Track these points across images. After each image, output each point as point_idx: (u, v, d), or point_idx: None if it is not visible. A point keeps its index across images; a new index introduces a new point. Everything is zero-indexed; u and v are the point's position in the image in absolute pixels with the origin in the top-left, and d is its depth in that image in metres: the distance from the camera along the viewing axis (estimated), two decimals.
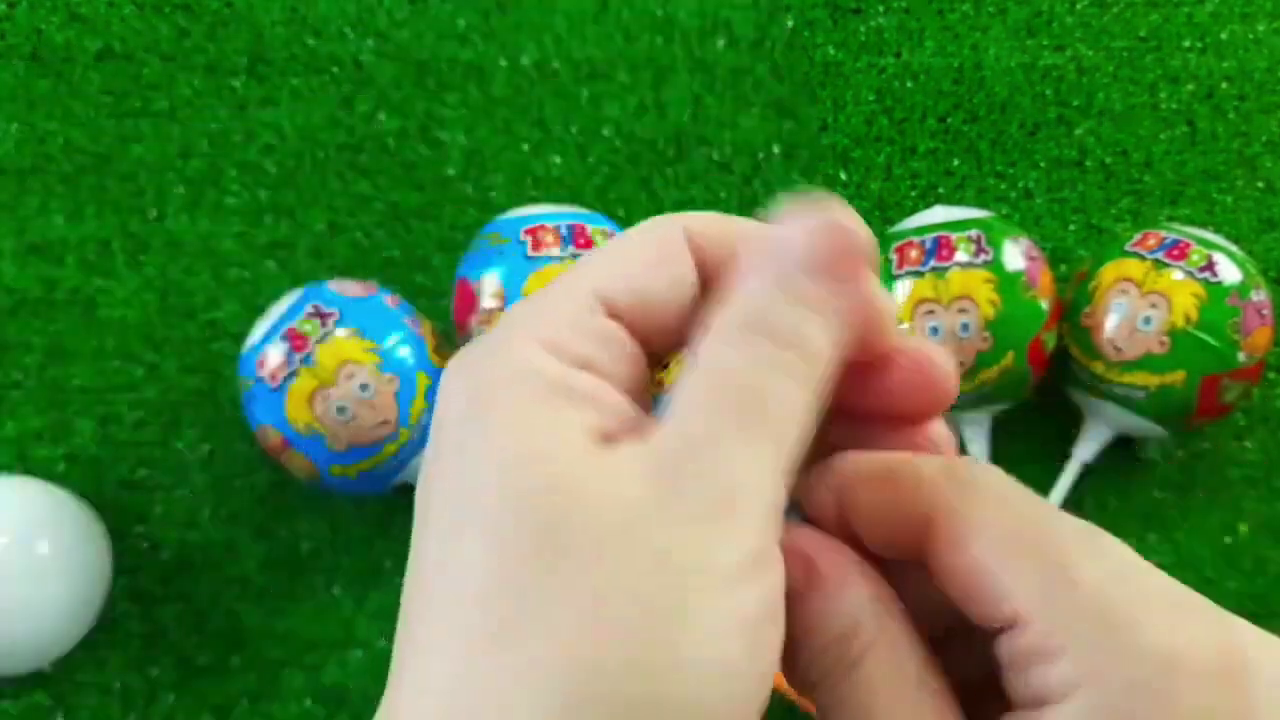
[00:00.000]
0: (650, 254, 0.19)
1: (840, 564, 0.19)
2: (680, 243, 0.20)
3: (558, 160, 0.56)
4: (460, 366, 0.19)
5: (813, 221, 0.18)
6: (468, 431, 0.17)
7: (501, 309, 0.45)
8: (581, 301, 0.18)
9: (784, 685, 0.46)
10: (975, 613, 0.18)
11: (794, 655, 0.19)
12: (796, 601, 0.19)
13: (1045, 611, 0.16)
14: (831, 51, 0.59)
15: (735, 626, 0.16)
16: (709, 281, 0.20)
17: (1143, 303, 0.46)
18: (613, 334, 0.18)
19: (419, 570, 0.17)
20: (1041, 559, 0.17)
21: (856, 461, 0.20)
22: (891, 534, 0.19)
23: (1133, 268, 0.46)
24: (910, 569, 0.19)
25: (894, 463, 0.19)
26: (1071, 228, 0.56)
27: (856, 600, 0.19)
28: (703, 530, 0.16)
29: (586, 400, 0.17)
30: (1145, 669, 0.16)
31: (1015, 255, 0.46)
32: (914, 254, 0.46)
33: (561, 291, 0.19)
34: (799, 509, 0.21)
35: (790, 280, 0.18)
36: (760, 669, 0.16)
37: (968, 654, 0.19)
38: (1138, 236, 0.48)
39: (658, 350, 0.20)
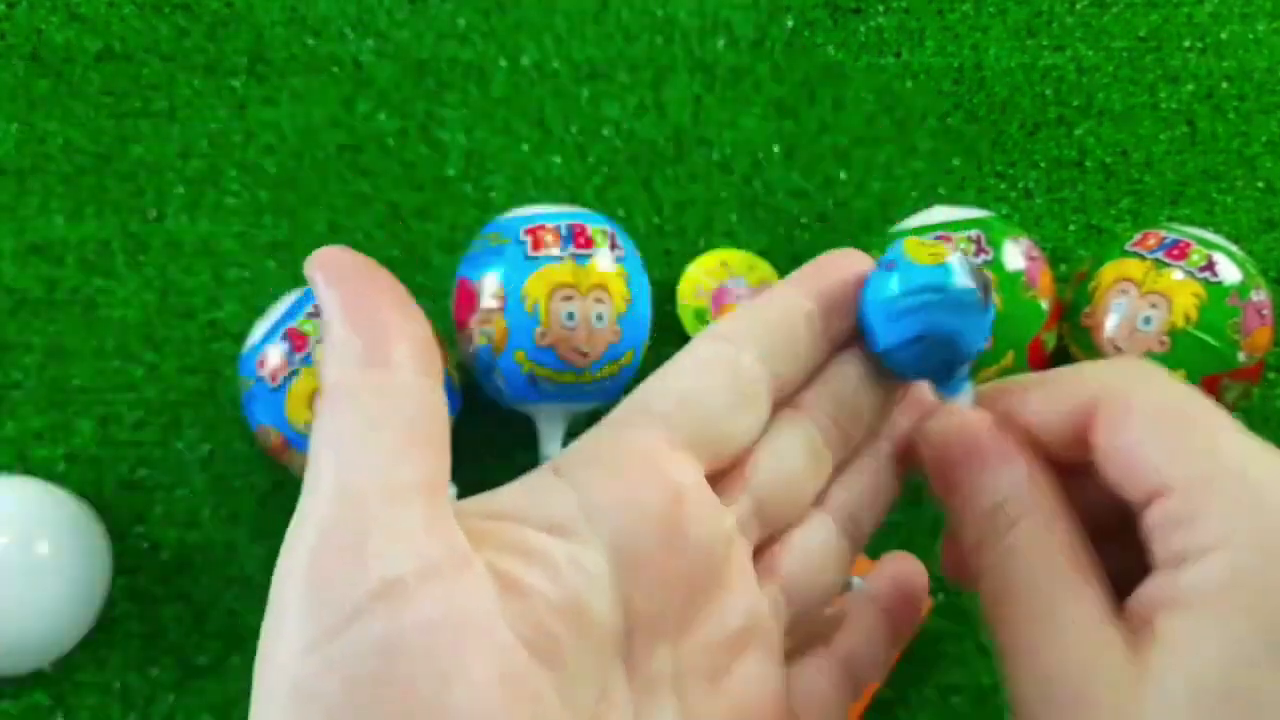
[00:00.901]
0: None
1: (1002, 441, 0.21)
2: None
3: (558, 160, 0.56)
4: None
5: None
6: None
7: (501, 309, 0.45)
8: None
9: None
10: (1131, 486, 0.19)
11: (956, 520, 0.21)
12: (958, 472, 0.21)
13: (1190, 480, 0.18)
14: (831, 51, 0.59)
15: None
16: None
17: (1143, 303, 0.46)
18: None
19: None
20: (1190, 434, 0.19)
21: (1020, 381, 0.22)
22: (1060, 433, 0.20)
23: (1133, 268, 0.46)
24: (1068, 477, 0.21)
25: (1057, 371, 0.22)
26: (1071, 228, 0.56)
27: (1011, 475, 0.20)
28: None
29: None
30: (1276, 531, 0.17)
31: (1015, 255, 0.46)
32: None
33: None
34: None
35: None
36: None
37: (1117, 559, 0.20)
38: (1138, 236, 0.48)
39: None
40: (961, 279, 0.21)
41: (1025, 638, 0.19)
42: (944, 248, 0.22)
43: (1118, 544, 0.20)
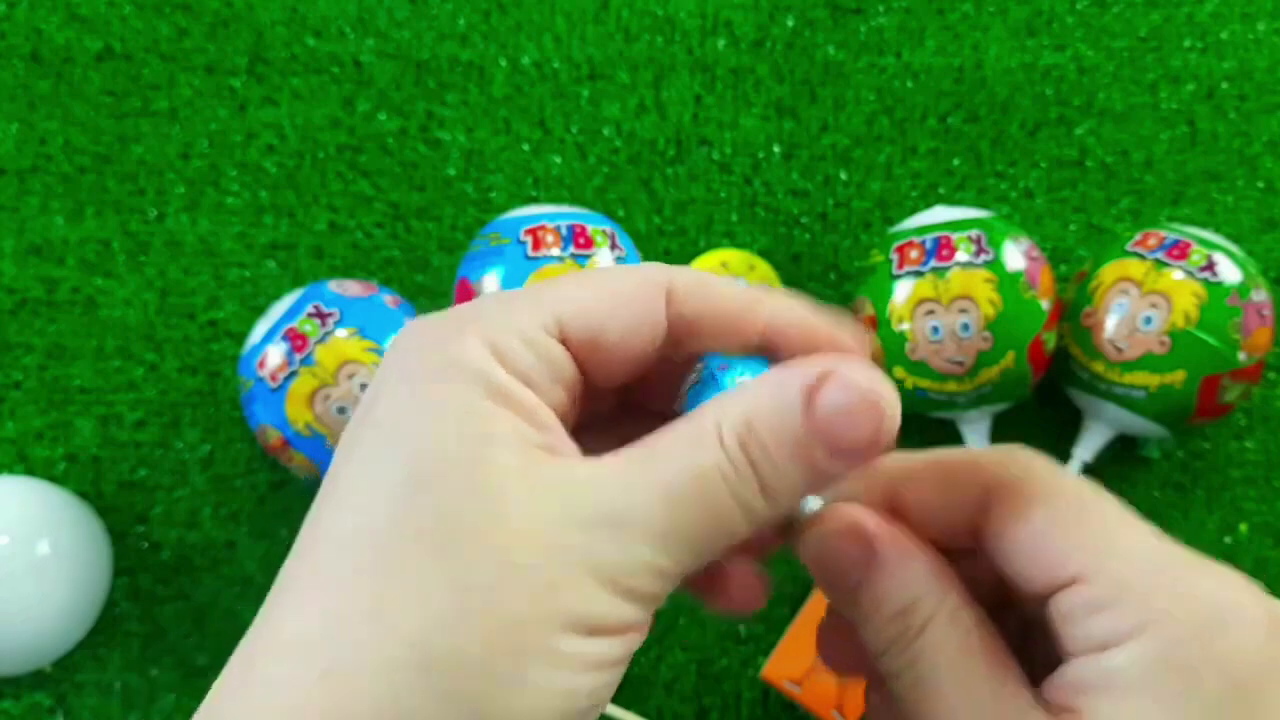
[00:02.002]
0: (623, 295, 0.20)
1: (900, 541, 0.21)
2: (658, 296, 0.20)
3: (558, 160, 0.56)
4: (415, 338, 0.20)
5: (860, 384, 0.19)
6: (404, 408, 0.18)
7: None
8: (540, 318, 0.19)
9: (783, 685, 0.46)
10: (1035, 576, 0.19)
11: (862, 625, 0.21)
12: (861, 578, 0.21)
13: (1105, 567, 0.18)
14: (832, 51, 0.59)
15: (589, 667, 0.18)
16: (679, 339, 0.21)
17: (1143, 303, 0.46)
18: (558, 358, 0.19)
19: (332, 504, 0.18)
20: (1096, 526, 0.19)
21: (906, 461, 0.21)
22: (948, 520, 0.20)
23: (1133, 268, 0.46)
24: (952, 557, 0.21)
25: (946, 453, 0.21)
26: (1072, 227, 0.56)
27: (917, 575, 0.20)
28: (584, 583, 0.18)
29: (519, 409, 0.19)
30: (1201, 613, 0.17)
31: (1016, 255, 0.46)
32: (915, 254, 0.46)
33: (525, 302, 0.20)
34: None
35: (795, 424, 0.19)
36: (594, 705, 0.18)
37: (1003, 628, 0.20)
38: (1138, 236, 0.48)
39: (600, 383, 0.20)
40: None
41: None
42: None
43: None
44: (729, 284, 0.21)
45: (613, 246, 0.47)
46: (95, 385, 0.52)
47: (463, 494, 0.17)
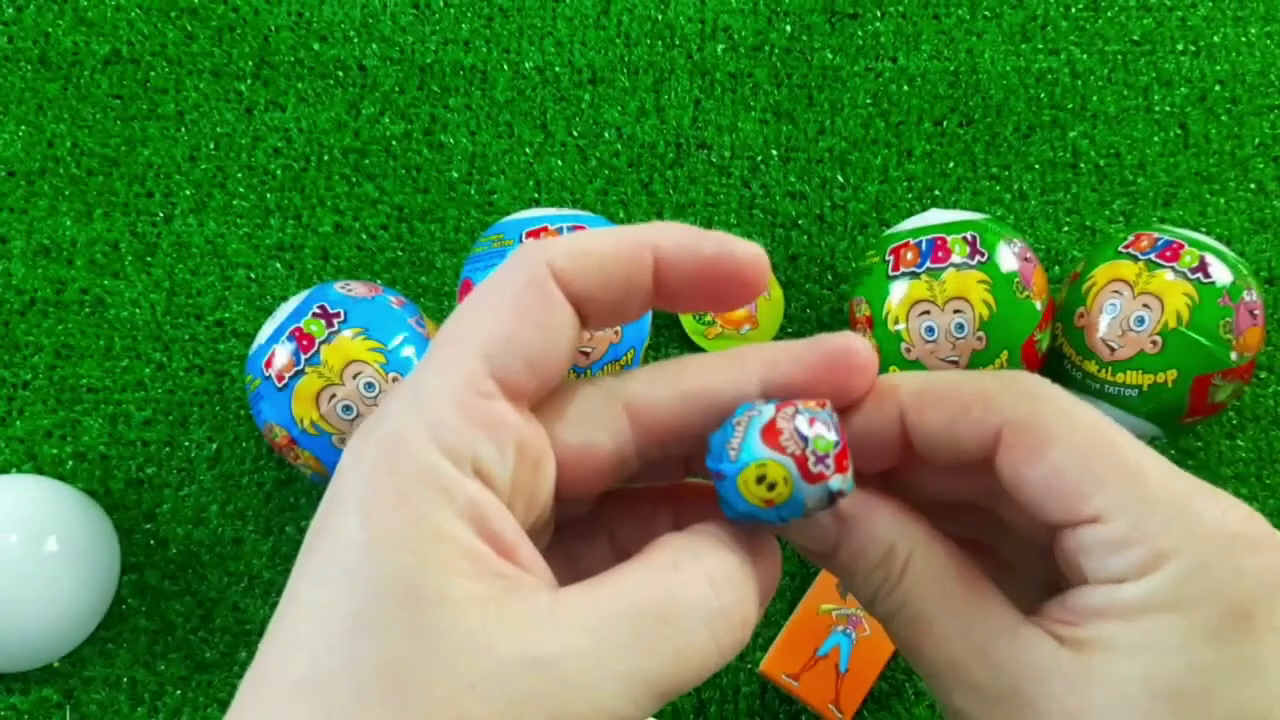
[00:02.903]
0: (525, 304, 0.19)
1: (864, 499, 0.21)
2: (550, 286, 0.19)
3: (559, 163, 0.57)
4: (357, 452, 0.18)
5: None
6: (352, 535, 0.17)
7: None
8: (470, 379, 0.18)
9: (781, 679, 0.47)
10: (1053, 512, 0.19)
11: (848, 580, 0.21)
12: (837, 539, 0.21)
13: (1123, 507, 0.19)
14: (829, 56, 0.59)
15: None
16: (585, 313, 0.20)
17: (1135, 303, 0.46)
18: (502, 420, 0.18)
19: (279, 644, 0.17)
20: (1113, 462, 0.19)
21: (919, 382, 0.21)
22: (957, 448, 0.20)
23: (1126, 269, 0.47)
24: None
25: (957, 381, 0.21)
26: (1065, 229, 0.56)
27: (885, 523, 0.21)
28: None
29: (476, 519, 0.17)
30: (1214, 544, 0.18)
31: (1009, 257, 0.46)
32: (910, 255, 0.47)
33: (449, 367, 0.18)
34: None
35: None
36: None
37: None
38: (1131, 238, 0.48)
39: (539, 392, 0.19)
40: (788, 514, 0.20)
41: (948, 657, 0.20)
42: (782, 485, 0.19)
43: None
44: (607, 239, 0.20)
45: None
46: (103, 384, 0.52)
47: (410, 638, 0.16)
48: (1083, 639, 0.19)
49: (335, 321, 0.45)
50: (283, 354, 0.44)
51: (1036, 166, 0.57)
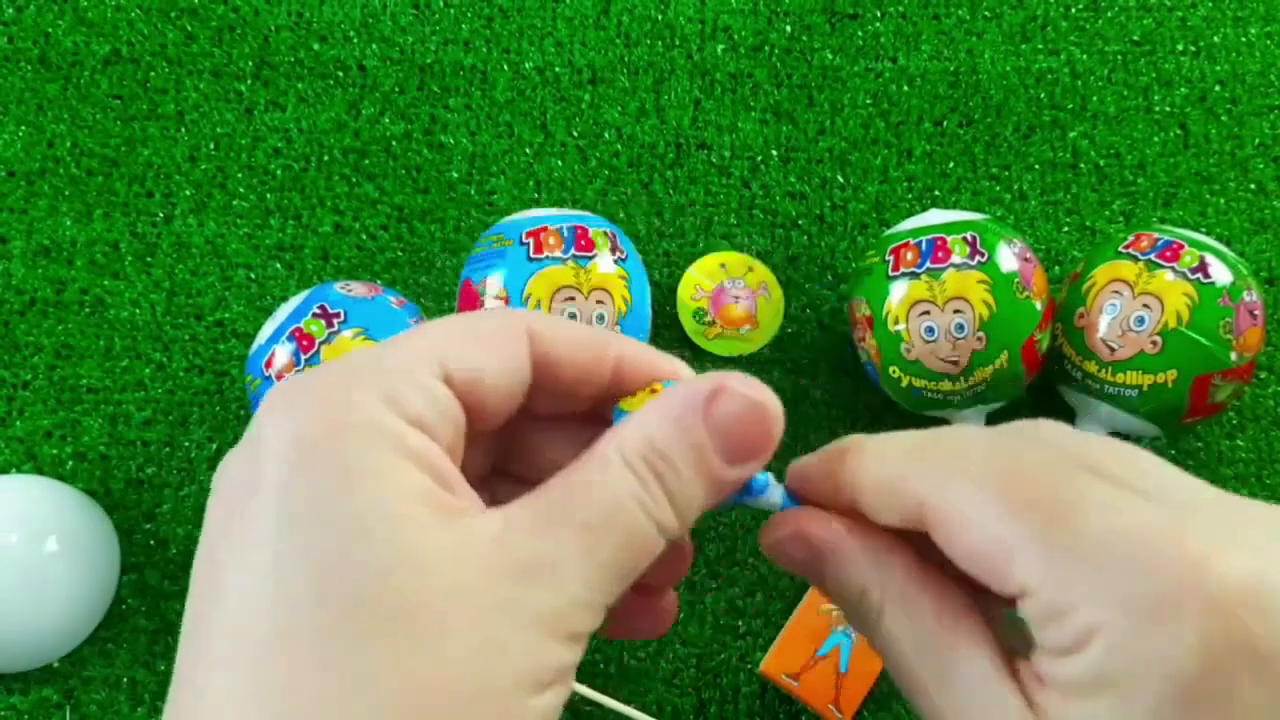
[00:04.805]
0: (493, 338, 0.20)
1: (834, 534, 0.21)
2: (522, 337, 0.20)
3: (559, 163, 0.57)
4: (288, 403, 0.18)
5: (750, 394, 0.19)
6: (298, 481, 0.17)
7: (503, 308, 0.46)
8: (423, 362, 0.19)
9: (781, 679, 0.47)
10: (992, 585, 0.19)
11: (840, 609, 0.21)
12: (819, 571, 0.21)
13: (1046, 577, 0.18)
14: (829, 56, 0.60)
15: None
16: (541, 378, 0.21)
17: (1135, 303, 0.46)
18: (445, 398, 0.19)
19: (233, 598, 0.17)
20: (1034, 525, 0.18)
21: (855, 461, 0.21)
22: (900, 520, 0.21)
23: (1126, 269, 0.47)
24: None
25: (883, 459, 0.21)
26: (1065, 229, 0.56)
27: (859, 567, 0.21)
28: (527, 637, 0.17)
29: (422, 462, 0.18)
30: (1143, 613, 0.17)
31: (1009, 257, 0.46)
32: (910, 256, 0.47)
33: (406, 348, 0.19)
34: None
35: (697, 436, 0.19)
36: None
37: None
38: (1131, 238, 0.48)
39: (476, 427, 0.20)
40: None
41: (928, 704, 0.20)
42: (659, 388, 0.22)
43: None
44: (580, 325, 0.22)
45: (613, 248, 0.48)
46: (103, 385, 0.52)
47: (385, 571, 0.16)
48: (1045, 709, 0.18)
49: (335, 322, 0.45)
50: (283, 354, 0.44)
51: (1036, 167, 0.57)
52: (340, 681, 0.16)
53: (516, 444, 0.23)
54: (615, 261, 0.47)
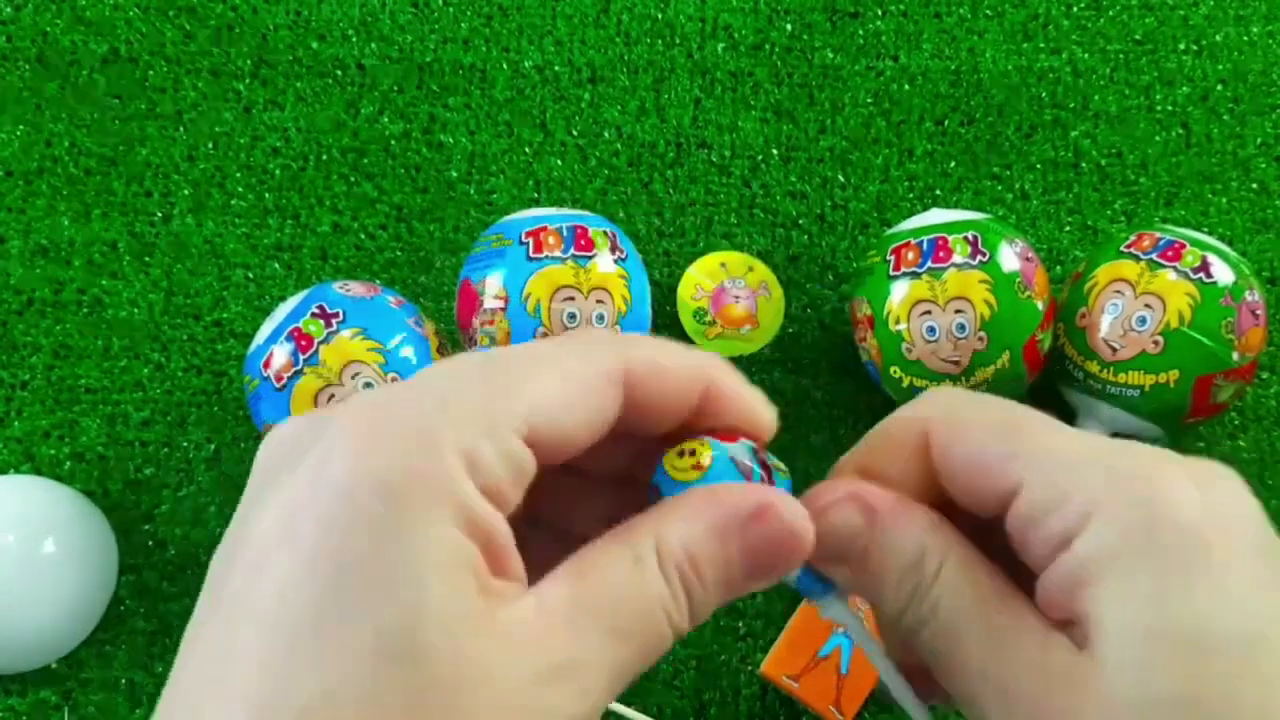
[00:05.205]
0: (586, 386, 0.19)
1: (894, 499, 0.22)
2: (618, 383, 0.20)
3: (559, 163, 0.57)
4: (365, 431, 0.18)
5: (792, 522, 0.20)
6: (360, 527, 0.17)
7: (504, 310, 0.46)
8: (511, 414, 0.18)
9: (781, 680, 0.47)
10: (984, 493, 0.20)
11: (877, 590, 0.21)
12: (867, 541, 0.22)
13: (1041, 470, 0.19)
14: (830, 55, 0.59)
15: None
16: (623, 418, 0.20)
17: (1137, 303, 0.46)
18: (525, 460, 0.19)
19: (247, 614, 0.17)
20: (1025, 433, 0.20)
21: (860, 454, 0.23)
22: (918, 484, 0.22)
23: (1128, 269, 0.47)
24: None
25: (886, 432, 0.23)
26: (1067, 229, 0.56)
27: (919, 527, 0.21)
28: None
29: (482, 538, 0.18)
30: (1135, 485, 0.19)
31: (1011, 256, 0.46)
32: (911, 255, 0.47)
33: (495, 394, 0.18)
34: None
35: (731, 552, 0.19)
36: None
37: None
38: (1133, 238, 0.48)
39: (545, 463, 0.20)
40: (723, 476, 0.21)
41: (980, 667, 0.20)
42: (704, 453, 0.21)
43: None
44: (679, 361, 0.21)
45: (613, 248, 0.48)
46: (101, 385, 0.52)
47: (419, 658, 0.16)
48: (1080, 633, 0.19)
49: (334, 321, 0.45)
50: (281, 354, 0.44)
51: (1038, 166, 0.57)
52: None
53: (549, 484, 0.23)
54: (615, 261, 0.47)
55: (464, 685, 0.16)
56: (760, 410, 0.22)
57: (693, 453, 0.21)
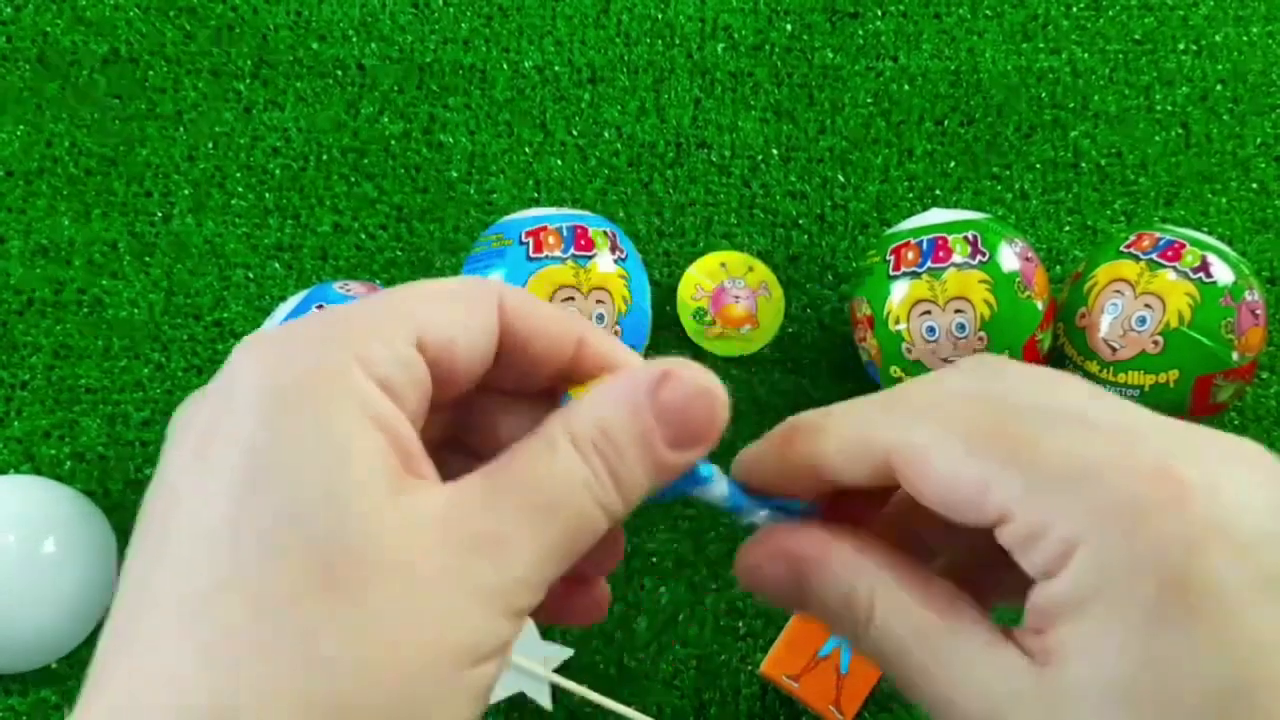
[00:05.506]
0: (466, 304, 0.20)
1: (815, 543, 0.21)
2: (493, 306, 0.21)
3: (559, 163, 0.57)
4: (261, 354, 0.18)
5: (697, 380, 0.20)
6: (265, 435, 0.17)
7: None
8: (398, 324, 0.19)
9: (781, 680, 0.47)
10: (967, 521, 0.19)
11: (830, 627, 0.21)
12: (801, 588, 0.21)
13: (1020, 499, 0.18)
14: (830, 55, 0.59)
15: (476, 698, 0.18)
16: (506, 350, 0.21)
17: (1137, 303, 0.46)
18: (416, 364, 0.19)
19: (181, 542, 0.17)
20: (999, 451, 0.19)
21: (815, 422, 0.22)
22: (868, 479, 0.21)
23: (1127, 269, 0.47)
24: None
25: (844, 420, 0.21)
26: (1066, 229, 0.56)
27: (844, 566, 0.21)
28: (471, 608, 0.17)
29: (385, 427, 0.18)
30: (1121, 516, 0.17)
31: (1010, 256, 0.46)
32: (911, 255, 0.47)
33: (382, 308, 0.19)
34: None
35: (645, 421, 0.19)
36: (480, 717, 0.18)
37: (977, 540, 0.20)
38: (1132, 238, 0.48)
39: (439, 393, 0.20)
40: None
41: (933, 691, 0.20)
42: None
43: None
44: (547, 304, 0.22)
45: (613, 248, 0.48)
46: (102, 385, 0.52)
47: (336, 535, 0.17)
48: (1047, 649, 0.18)
49: None
50: None
51: (1038, 166, 0.57)
52: (276, 633, 0.16)
53: (471, 416, 0.23)
54: (615, 261, 0.47)
55: (383, 561, 0.17)
56: (633, 360, 0.22)
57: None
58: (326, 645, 0.16)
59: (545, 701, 0.46)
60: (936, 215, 0.48)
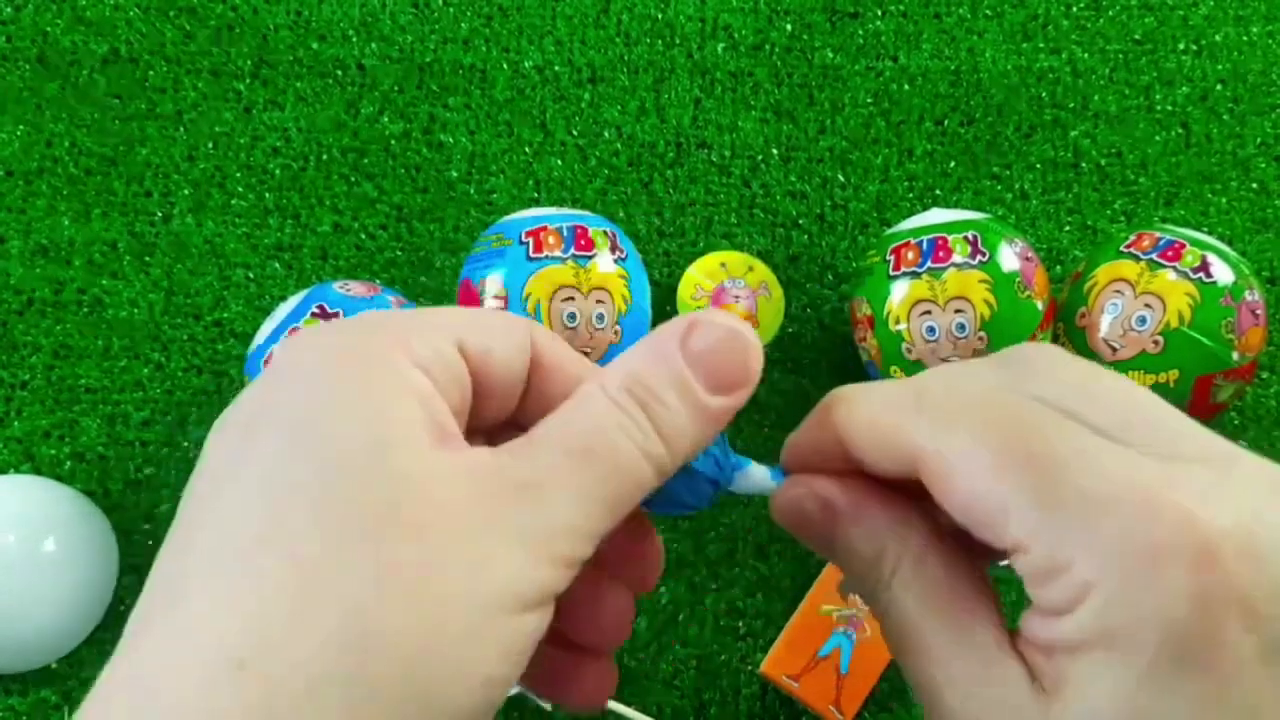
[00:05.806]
0: (504, 323, 0.21)
1: (854, 498, 0.21)
2: (527, 333, 0.21)
3: (559, 163, 0.57)
4: (303, 342, 0.19)
5: (725, 322, 0.20)
6: (311, 399, 0.18)
7: (504, 309, 0.46)
8: (441, 332, 0.20)
9: (781, 680, 0.47)
10: (986, 540, 0.19)
11: (846, 575, 0.21)
12: (830, 533, 0.21)
13: (1038, 533, 0.18)
14: (830, 55, 0.59)
15: (513, 651, 0.18)
16: (533, 382, 0.22)
17: (1137, 303, 0.46)
18: (455, 361, 0.20)
19: (202, 515, 0.18)
20: (1022, 477, 0.18)
21: (847, 410, 0.21)
22: (898, 472, 0.21)
23: (1127, 268, 0.47)
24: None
25: (879, 411, 0.21)
26: (1066, 229, 0.56)
27: (877, 526, 0.21)
28: (512, 552, 0.18)
29: (424, 399, 0.19)
30: (1136, 563, 0.17)
31: (1010, 256, 0.46)
32: (911, 255, 0.47)
33: (426, 318, 0.20)
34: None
35: (676, 367, 0.20)
36: (514, 680, 0.18)
37: None
38: (1132, 237, 0.48)
39: (479, 409, 0.21)
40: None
41: (929, 675, 0.20)
42: None
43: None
44: (574, 351, 0.22)
45: (613, 248, 0.48)
46: (101, 385, 0.52)
47: (380, 483, 0.17)
48: (1051, 676, 0.18)
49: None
50: None
51: (1038, 166, 0.57)
52: (320, 576, 0.16)
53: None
54: (615, 261, 0.47)
55: (421, 507, 0.17)
56: (587, 367, 0.22)
57: None
58: (367, 587, 0.16)
59: (545, 701, 0.46)
60: (936, 215, 0.48)
